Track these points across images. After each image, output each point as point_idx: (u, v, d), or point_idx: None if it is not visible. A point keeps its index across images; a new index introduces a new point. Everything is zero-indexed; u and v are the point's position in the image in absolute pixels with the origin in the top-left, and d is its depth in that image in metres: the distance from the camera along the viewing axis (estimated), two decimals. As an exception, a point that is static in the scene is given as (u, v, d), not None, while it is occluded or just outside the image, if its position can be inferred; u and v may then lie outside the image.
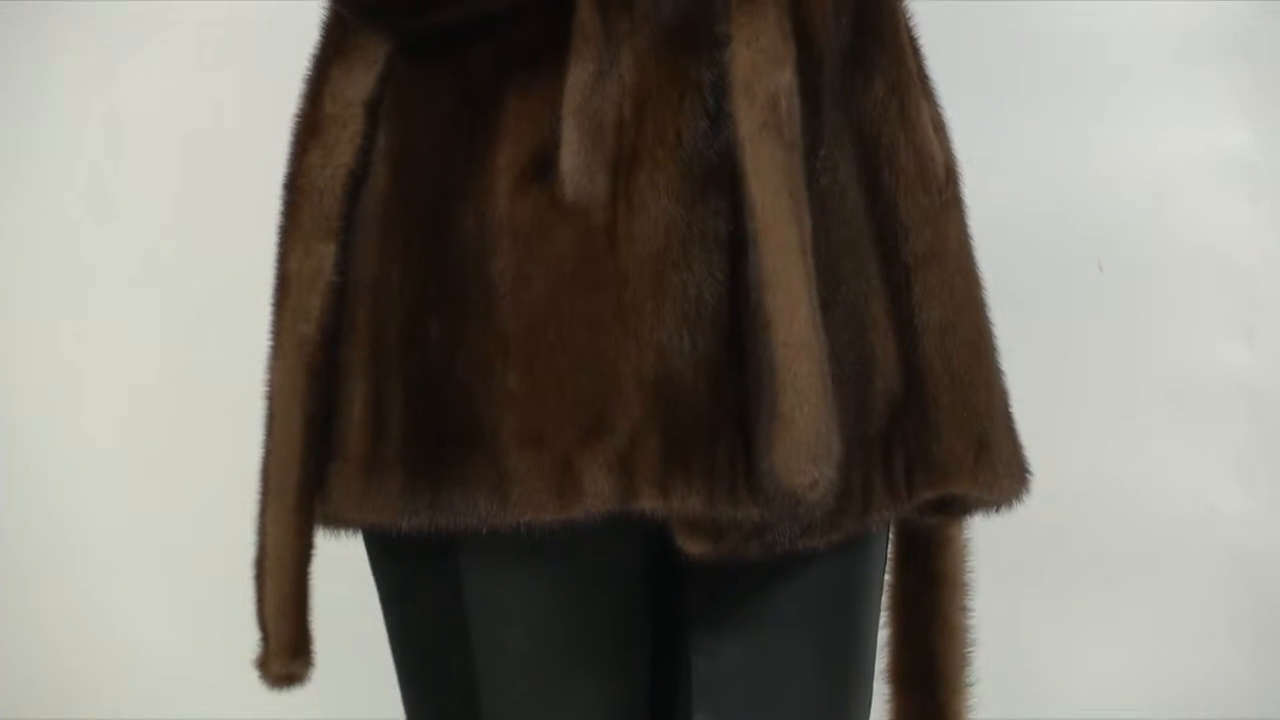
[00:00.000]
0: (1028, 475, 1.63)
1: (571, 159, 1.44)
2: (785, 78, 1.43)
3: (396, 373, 1.49)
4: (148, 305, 2.60)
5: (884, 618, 1.71)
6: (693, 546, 1.47)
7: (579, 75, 1.45)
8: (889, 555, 1.71)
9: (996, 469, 1.58)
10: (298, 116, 1.58)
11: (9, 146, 2.58)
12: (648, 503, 1.44)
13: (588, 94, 1.45)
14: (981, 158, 1.70)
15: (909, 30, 1.62)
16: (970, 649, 1.72)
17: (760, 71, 1.42)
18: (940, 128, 1.64)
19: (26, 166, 2.58)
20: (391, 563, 1.60)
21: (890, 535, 1.70)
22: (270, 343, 1.57)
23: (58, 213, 2.59)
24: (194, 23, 2.55)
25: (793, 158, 1.43)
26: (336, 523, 1.57)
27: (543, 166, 1.46)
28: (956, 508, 1.61)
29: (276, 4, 2.20)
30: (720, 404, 1.44)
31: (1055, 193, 2.58)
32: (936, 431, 1.55)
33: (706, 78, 1.45)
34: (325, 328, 1.53)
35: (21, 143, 2.58)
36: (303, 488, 1.54)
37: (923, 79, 1.63)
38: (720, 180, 1.45)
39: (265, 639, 1.58)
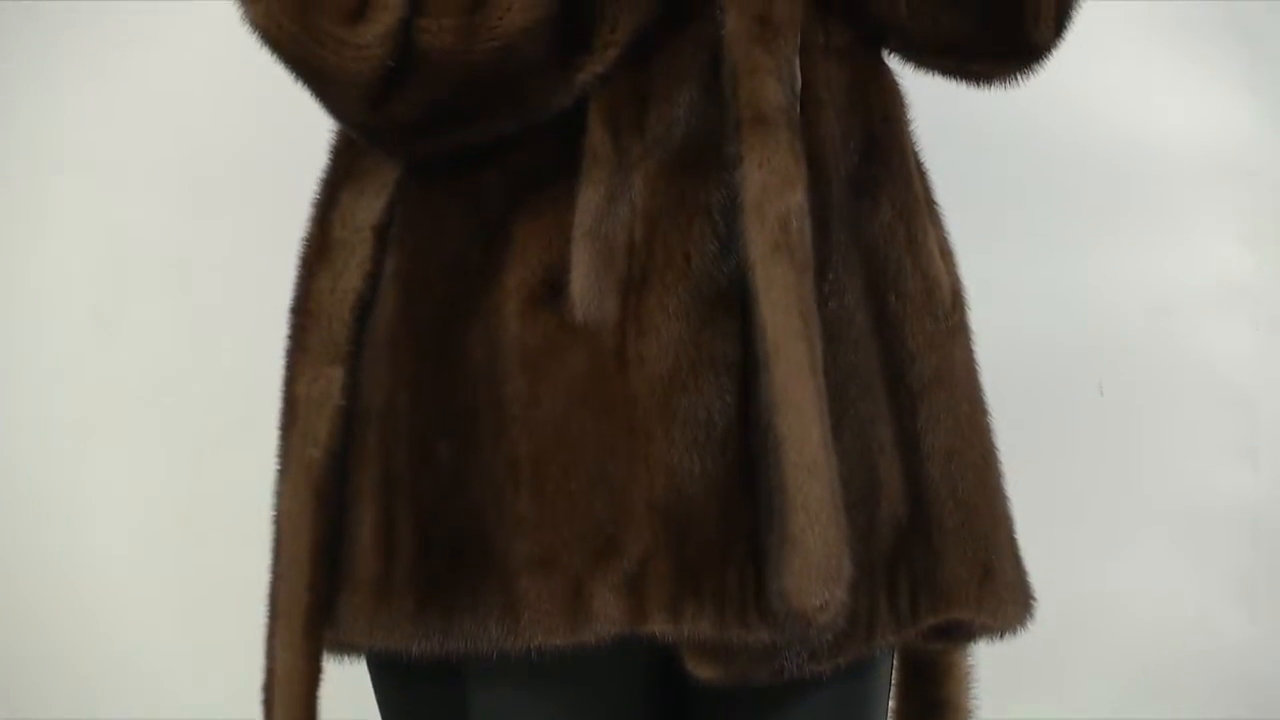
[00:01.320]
0: (1032, 601, 1.63)
1: (582, 281, 1.45)
2: (797, 199, 1.44)
3: (406, 497, 1.49)
4: (150, 429, 2.60)
5: (888, 744, 1.70)
6: (702, 671, 1.46)
7: (590, 198, 1.46)
8: (892, 681, 1.70)
9: (1001, 595, 1.58)
10: (306, 240, 1.58)
11: (11, 267, 2.59)
12: (658, 626, 1.43)
13: (599, 217, 1.46)
14: (982, 279, 1.70)
15: (915, 155, 1.63)
16: (973, 775, 1.72)
17: (772, 192, 1.43)
18: (946, 252, 1.65)
19: (29, 286, 2.59)
20: (396, 687, 1.59)
21: (894, 661, 1.69)
22: (278, 467, 1.57)
23: (61, 334, 2.59)
24: (194, 153, 2.56)
25: (804, 279, 1.44)
26: (345, 648, 1.56)
27: (553, 289, 1.46)
28: (960, 633, 1.60)
29: (276, 133, 2.21)
30: (730, 527, 1.44)
31: (1056, 315, 2.59)
32: (941, 557, 1.55)
33: (716, 200, 1.46)
34: (333, 452, 1.53)
35: (25, 264, 2.59)
36: (311, 612, 1.53)
37: (929, 203, 1.64)
38: (730, 302, 1.45)
39: None
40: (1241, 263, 2.62)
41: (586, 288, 1.45)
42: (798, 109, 1.46)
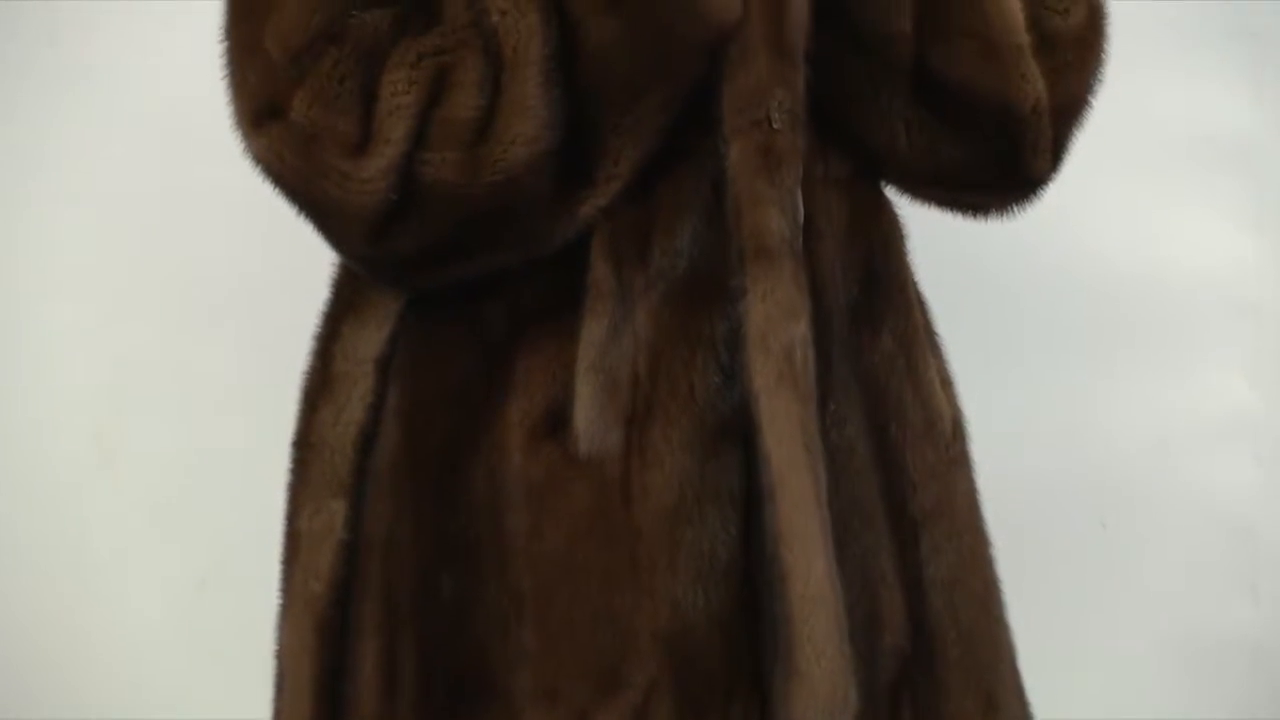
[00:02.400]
0: None
1: (585, 414, 1.45)
2: (800, 330, 1.44)
3: (409, 630, 1.48)
4: (150, 554, 2.59)
5: None
6: None
7: (593, 330, 1.46)
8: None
9: None
10: (308, 373, 1.59)
11: (8, 392, 2.58)
12: None
13: (602, 349, 1.46)
14: (984, 410, 1.70)
15: (915, 284, 1.64)
16: None
17: (776, 324, 1.44)
18: (947, 382, 1.65)
19: (28, 413, 2.58)
20: None
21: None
22: (280, 601, 1.56)
23: (62, 461, 2.58)
24: (192, 284, 2.57)
25: (807, 410, 1.44)
26: None
27: (556, 421, 1.46)
28: None
29: (278, 262, 2.22)
30: (734, 659, 1.44)
31: (1058, 446, 2.59)
32: (945, 688, 1.54)
33: (720, 332, 1.46)
34: (336, 585, 1.52)
35: (23, 389, 2.58)
36: None
37: (929, 333, 1.65)
38: (733, 434, 1.45)
39: None
40: (1243, 396, 2.62)
41: (590, 420, 1.45)
42: (800, 240, 1.46)
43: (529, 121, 1.40)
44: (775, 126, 1.44)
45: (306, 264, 1.64)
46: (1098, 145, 1.66)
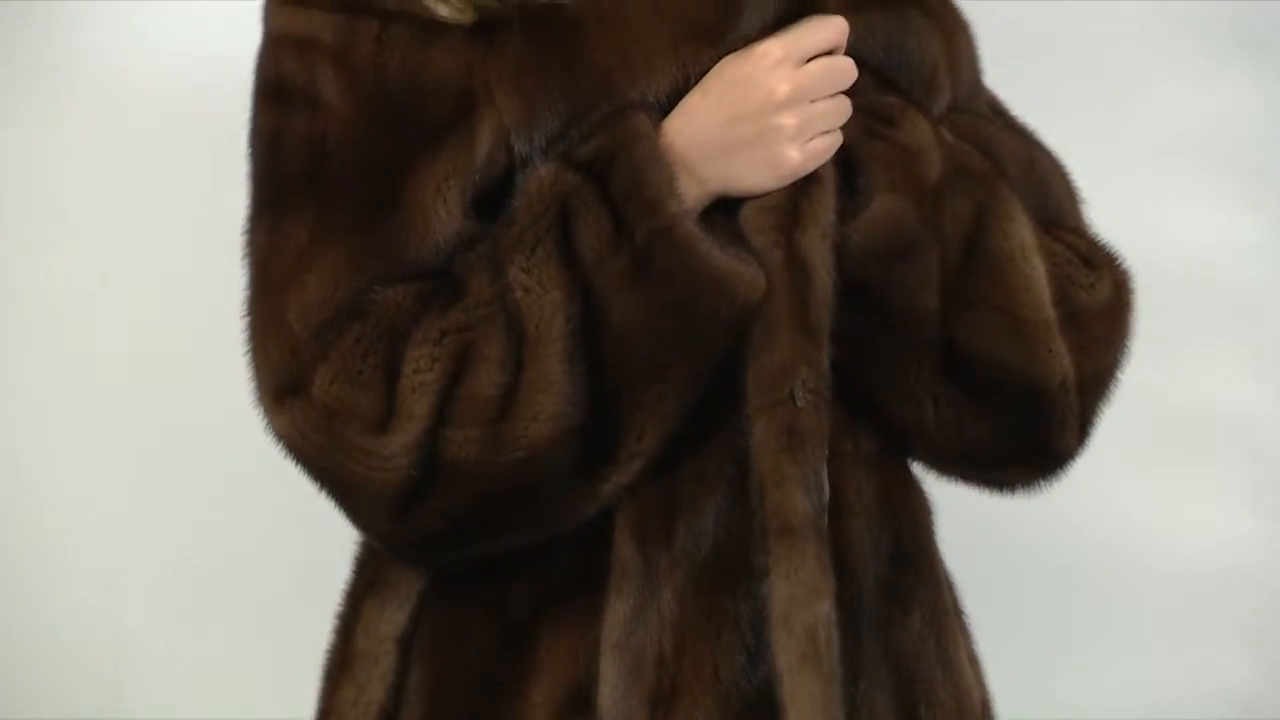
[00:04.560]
0: None
1: (610, 695, 1.43)
2: (824, 609, 1.43)
3: None
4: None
5: None
6: None
7: (618, 610, 1.44)
8: None
9: None
10: (329, 651, 1.58)
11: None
12: None
13: (627, 630, 1.44)
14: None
15: (942, 562, 1.63)
16: None
17: (799, 603, 1.42)
18: (975, 661, 1.64)
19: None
20: None
21: None
22: None
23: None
24: (210, 555, 2.56)
25: (831, 691, 1.42)
26: None
27: (580, 702, 1.44)
28: None
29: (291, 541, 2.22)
30: None
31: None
32: None
33: (745, 612, 1.44)
34: None
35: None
36: None
37: (958, 613, 1.64)
38: (758, 714, 1.43)
39: None
40: (1242, 673, 2.58)
41: (615, 701, 1.43)
42: (825, 519, 1.45)
43: (552, 398, 1.39)
44: (799, 405, 1.44)
45: (321, 539, 1.63)
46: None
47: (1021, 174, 1.60)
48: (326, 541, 1.62)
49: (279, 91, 1.49)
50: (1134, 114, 2.49)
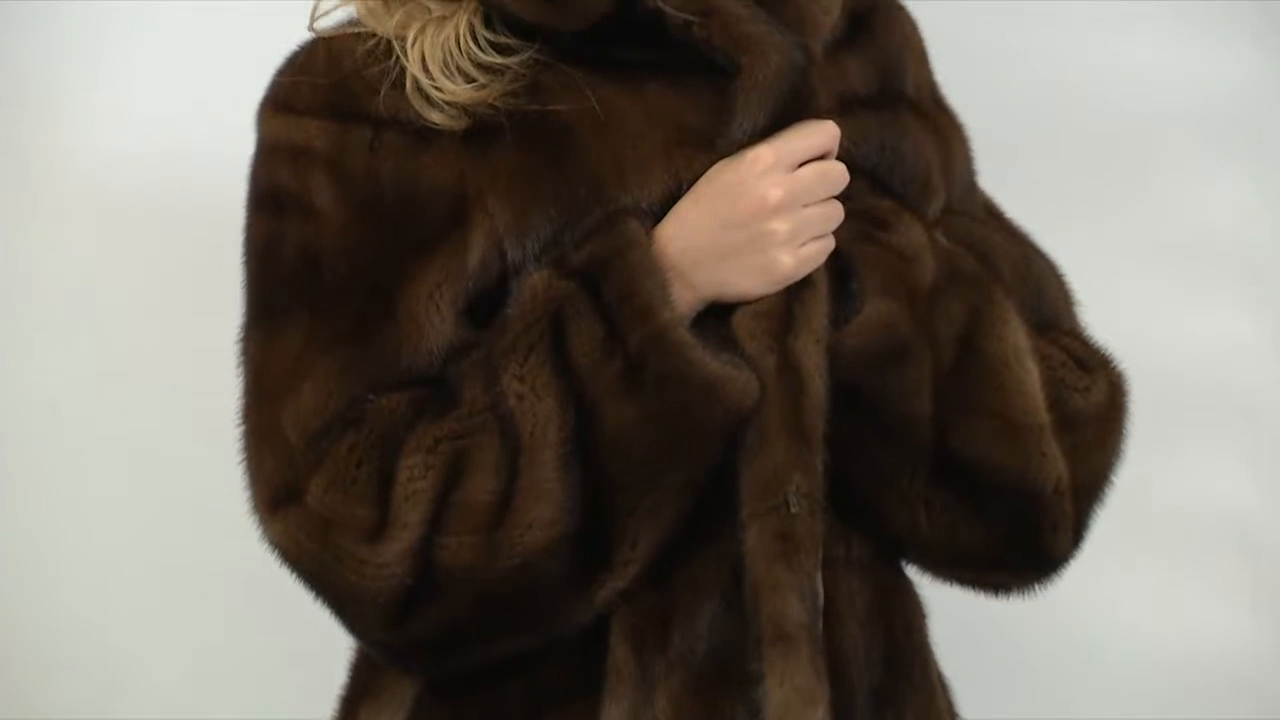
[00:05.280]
0: None
1: None
2: (819, 716, 1.42)
3: None
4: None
5: None
6: None
7: (613, 715, 1.44)
8: None
9: None
10: None
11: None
12: None
13: None
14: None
15: (937, 666, 1.62)
16: None
17: (793, 710, 1.41)
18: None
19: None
20: None
21: None
22: None
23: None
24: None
25: None
26: None
27: None
28: None
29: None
30: None
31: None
32: None
33: (740, 718, 1.44)
34: None
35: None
36: None
37: (952, 715, 1.64)
38: None
39: None
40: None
41: None
42: (820, 625, 1.45)
43: (546, 506, 1.40)
44: (793, 511, 1.43)
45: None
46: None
47: (1016, 276, 1.61)
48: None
49: (273, 199, 1.50)
50: (1131, 214, 2.48)
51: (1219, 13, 2.44)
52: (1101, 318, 1.71)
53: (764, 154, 1.44)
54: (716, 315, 1.46)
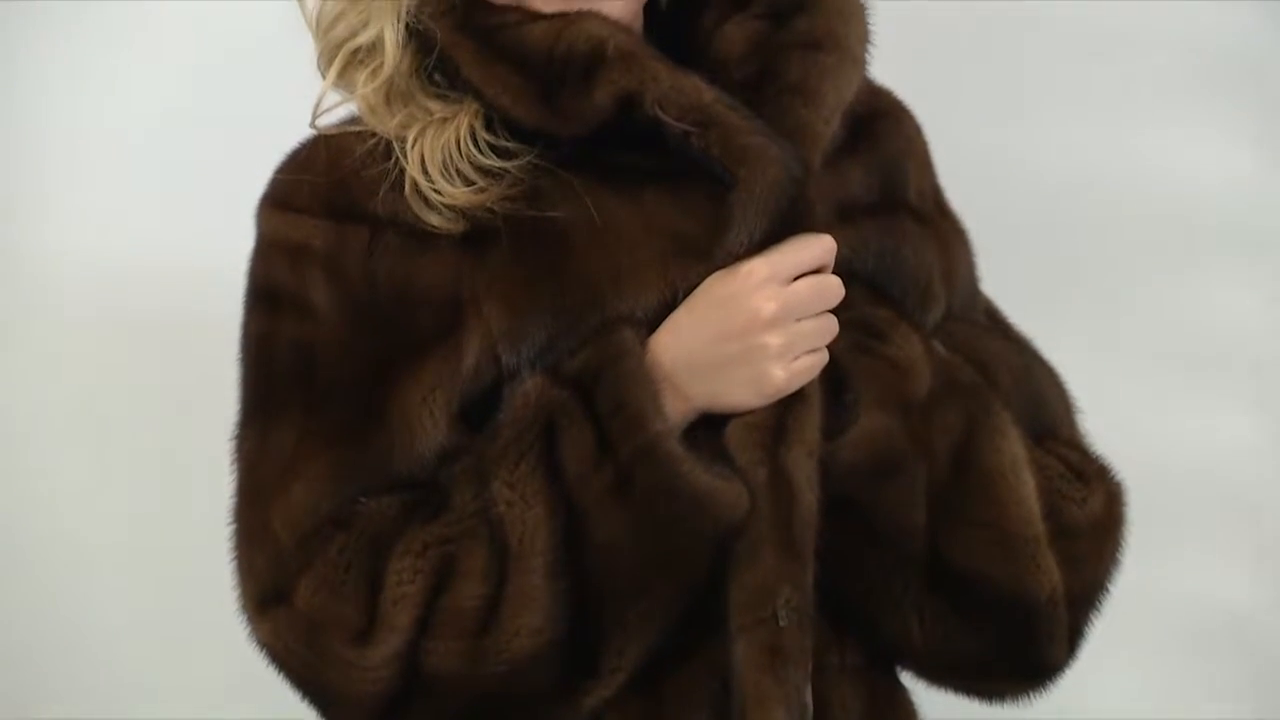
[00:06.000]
0: None
1: None
2: None
3: None
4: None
5: None
6: None
7: None
8: None
9: None
10: None
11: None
12: None
13: None
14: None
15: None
16: None
17: None
18: None
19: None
20: None
21: None
22: None
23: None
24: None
25: None
26: None
27: None
28: None
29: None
30: None
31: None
32: None
33: None
34: None
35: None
36: None
37: None
38: None
39: None
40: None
41: None
42: None
43: (534, 613, 1.39)
44: (782, 624, 1.42)
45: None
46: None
47: (1015, 384, 1.60)
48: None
49: (269, 296, 1.50)
50: (1130, 320, 2.48)
51: (1220, 111, 2.44)
52: (1102, 416, 1.71)
53: (758, 267, 1.44)
54: (709, 426, 1.45)
